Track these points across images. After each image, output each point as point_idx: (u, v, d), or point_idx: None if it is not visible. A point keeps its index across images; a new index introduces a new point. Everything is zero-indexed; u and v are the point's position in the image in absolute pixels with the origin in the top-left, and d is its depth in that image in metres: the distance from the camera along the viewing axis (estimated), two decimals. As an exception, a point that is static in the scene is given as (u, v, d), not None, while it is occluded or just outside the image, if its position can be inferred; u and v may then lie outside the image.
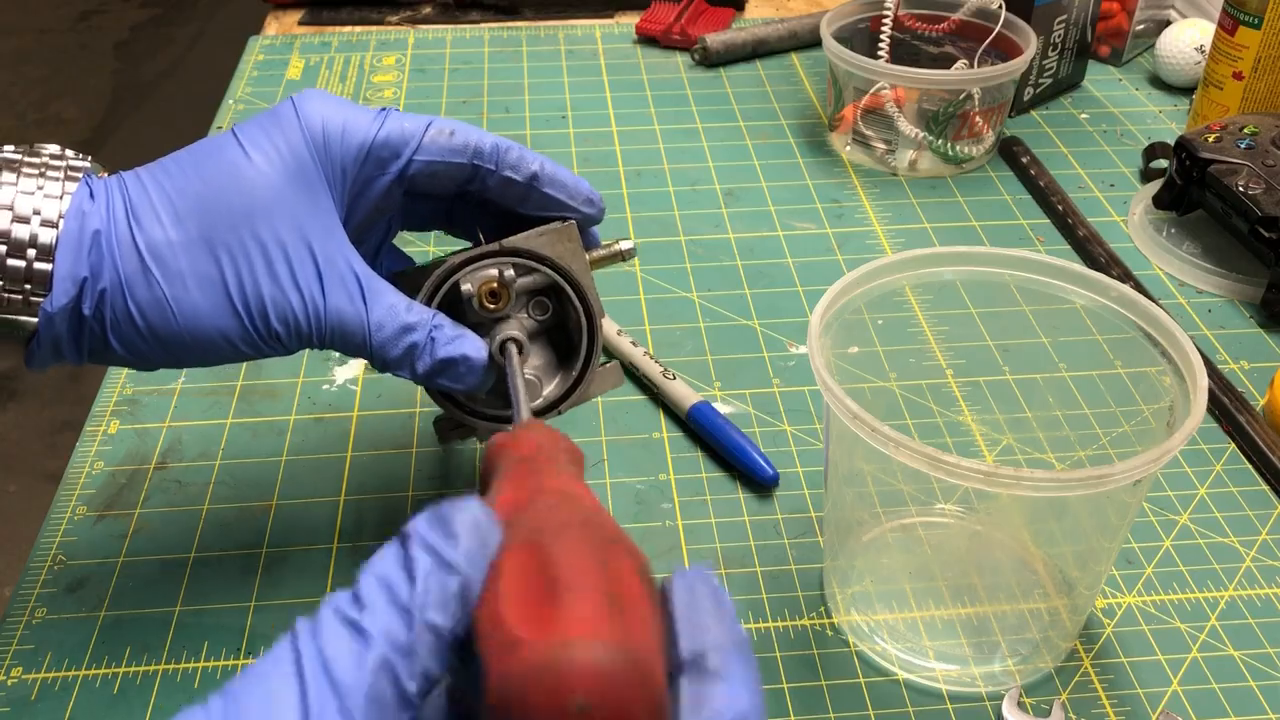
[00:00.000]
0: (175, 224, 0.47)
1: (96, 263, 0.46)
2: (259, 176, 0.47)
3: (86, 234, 0.45)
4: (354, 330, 0.49)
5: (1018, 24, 0.87)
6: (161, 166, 0.48)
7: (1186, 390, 0.47)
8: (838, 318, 0.51)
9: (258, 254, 0.47)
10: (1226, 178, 0.74)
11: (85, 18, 3.34)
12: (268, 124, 0.49)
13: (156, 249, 0.46)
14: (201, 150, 0.48)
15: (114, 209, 0.46)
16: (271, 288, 0.47)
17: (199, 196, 0.47)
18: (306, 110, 0.49)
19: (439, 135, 0.50)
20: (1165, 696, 0.51)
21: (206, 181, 0.47)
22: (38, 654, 0.53)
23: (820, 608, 0.55)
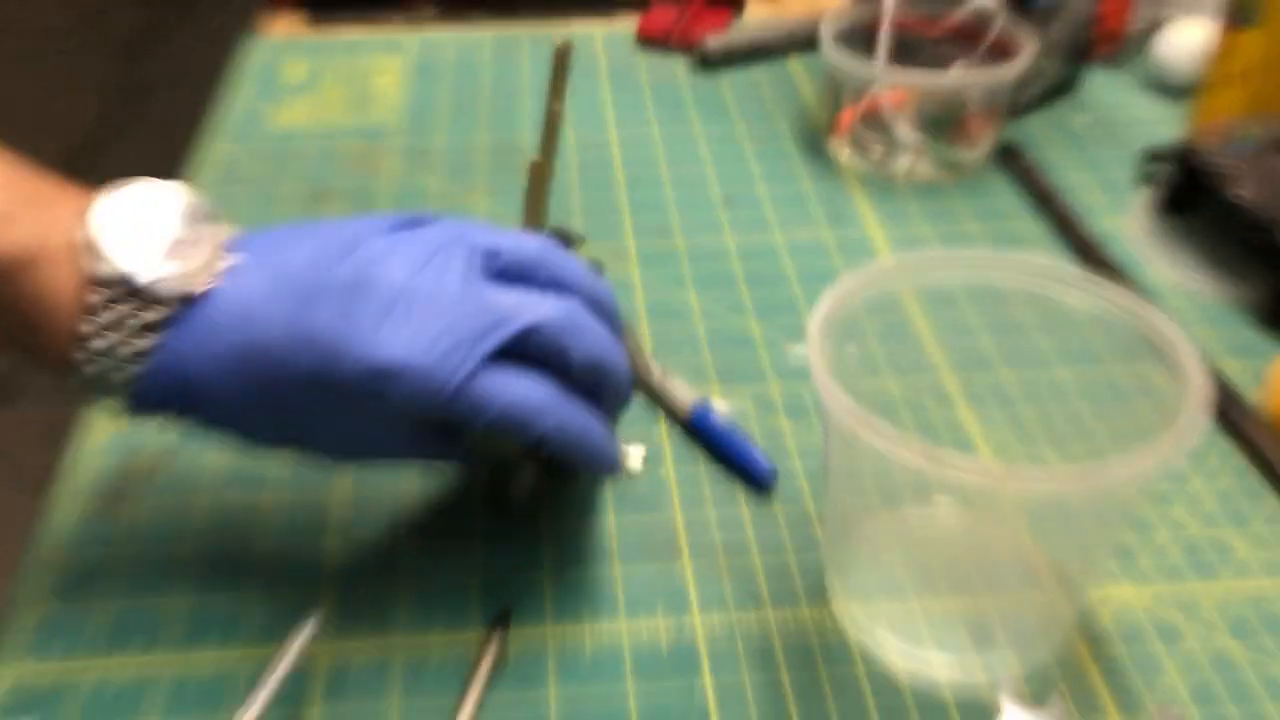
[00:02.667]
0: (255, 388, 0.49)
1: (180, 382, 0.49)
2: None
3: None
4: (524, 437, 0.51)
5: (1016, 26, 0.87)
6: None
7: (1186, 391, 0.47)
8: (837, 319, 0.51)
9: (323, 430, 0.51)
10: (1226, 180, 0.74)
11: (85, 18, 3.34)
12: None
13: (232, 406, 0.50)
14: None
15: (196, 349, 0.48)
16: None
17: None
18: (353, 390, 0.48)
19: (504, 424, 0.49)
20: (1163, 688, 0.51)
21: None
22: (37, 654, 0.53)
23: (819, 599, 0.55)
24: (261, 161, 0.89)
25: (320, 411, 0.49)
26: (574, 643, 0.54)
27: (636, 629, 0.54)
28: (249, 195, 0.85)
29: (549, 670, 0.52)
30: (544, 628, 0.54)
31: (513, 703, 0.51)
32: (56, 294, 0.47)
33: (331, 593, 0.56)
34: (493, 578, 0.57)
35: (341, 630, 0.54)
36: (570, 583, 0.56)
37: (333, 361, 0.47)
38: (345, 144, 0.92)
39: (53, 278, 0.47)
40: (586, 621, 0.55)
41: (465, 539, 0.59)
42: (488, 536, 0.59)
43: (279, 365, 0.48)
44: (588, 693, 0.51)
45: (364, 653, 0.53)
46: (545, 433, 0.49)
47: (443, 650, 0.53)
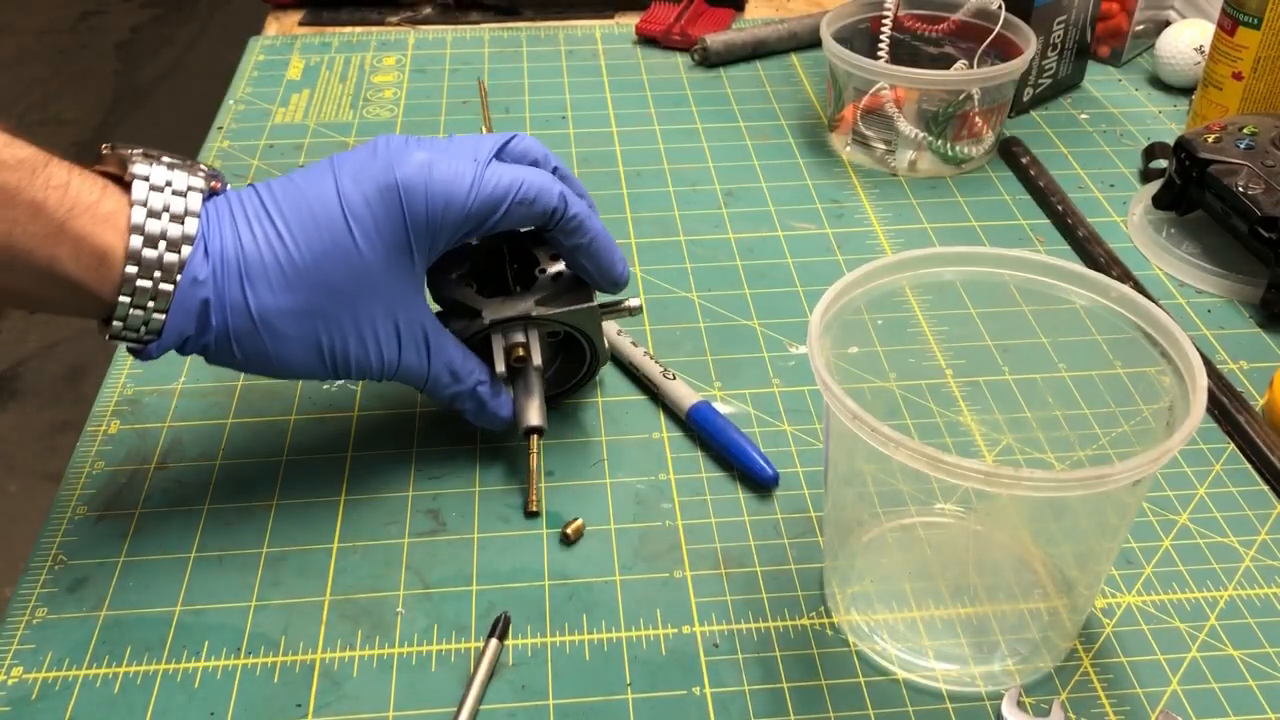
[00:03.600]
0: (287, 292, 0.54)
1: (203, 324, 0.53)
2: (362, 264, 0.54)
3: (195, 301, 0.53)
4: (415, 377, 0.59)
5: (1017, 24, 0.87)
6: (274, 220, 0.54)
7: (1186, 390, 0.47)
8: (838, 318, 0.51)
9: (350, 326, 0.55)
10: (1226, 178, 0.74)
11: (85, 18, 3.34)
12: (372, 197, 0.54)
13: (267, 315, 0.54)
14: (310, 210, 0.54)
15: (229, 272, 0.53)
16: (358, 349, 0.56)
17: (308, 272, 0.54)
18: (409, 185, 0.54)
19: (521, 205, 0.56)
20: (1165, 696, 0.51)
21: (317, 259, 0.54)
22: (38, 654, 0.53)
23: (820, 607, 0.55)
24: (263, 159, 0.89)
25: (352, 285, 0.55)
26: (574, 651, 0.53)
27: (636, 637, 0.54)
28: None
29: (548, 679, 0.52)
30: (544, 636, 0.54)
31: (513, 712, 0.51)
32: (89, 188, 0.52)
33: (331, 596, 0.56)
34: (493, 585, 0.56)
35: (341, 636, 0.54)
36: (570, 590, 0.56)
37: (382, 173, 0.54)
38: (346, 141, 0.92)
39: (82, 178, 0.52)
40: (586, 630, 0.54)
41: (466, 545, 0.58)
42: (489, 542, 0.59)
43: (326, 220, 0.54)
44: (587, 701, 0.51)
45: (364, 659, 0.53)
46: (556, 207, 0.57)
47: (443, 656, 0.53)
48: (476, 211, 0.56)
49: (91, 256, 0.51)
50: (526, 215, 0.57)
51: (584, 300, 0.62)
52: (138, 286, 0.51)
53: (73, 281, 0.51)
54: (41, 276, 0.50)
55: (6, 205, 0.49)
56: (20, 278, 0.50)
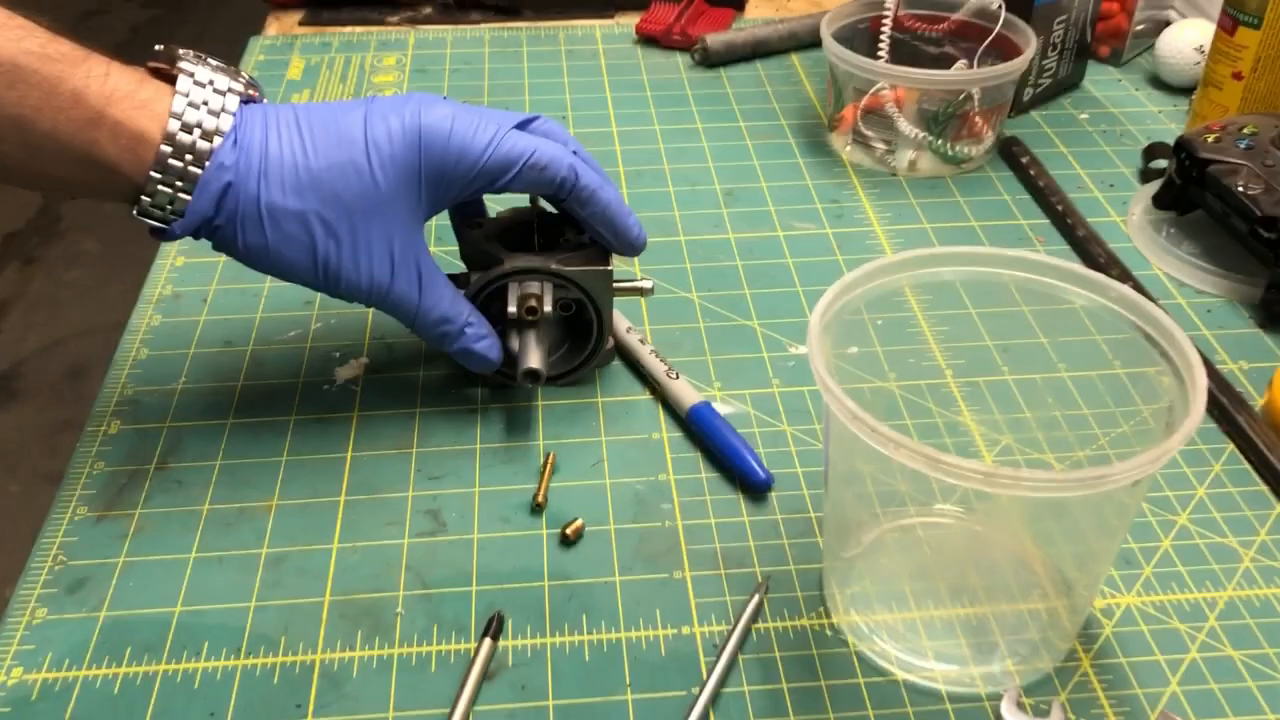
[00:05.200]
0: (296, 194, 0.57)
1: (223, 207, 0.57)
2: (373, 187, 0.58)
3: (220, 184, 0.56)
4: (406, 309, 0.61)
5: (1017, 24, 0.87)
6: (301, 131, 0.58)
7: (1185, 390, 0.47)
8: (837, 318, 0.51)
9: (349, 242, 0.58)
10: (1226, 178, 0.74)
11: (85, 18, 3.34)
12: (395, 133, 0.58)
13: (274, 210, 0.57)
14: (336, 131, 0.58)
15: (250, 165, 0.57)
16: (351, 268, 0.59)
17: (320, 180, 0.57)
18: (431, 130, 0.58)
19: (532, 170, 0.60)
20: (1164, 696, 0.51)
21: (330, 170, 0.57)
22: (38, 654, 0.53)
23: (819, 608, 0.55)
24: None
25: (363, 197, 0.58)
26: (573, 651, 0.53)
27: (636, 638, 0.54)
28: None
29: (548, 679, 0.52)
30: (543, 636, 0.54)
31: (512, 712, 0.51)
32: (129, 79, 0.55)
33: (331, 596, 0.56)
34: (493, 585, 0.56)
35: (341, 636, 0.54)
36: (569, 590, 0.56)
37: (410, 114, 0.58)
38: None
39: (121, 71, 0.55)
40: (586, 630, 0.54)
41: (466, 545, 0.58)
42: (489, 543, 0.59)
43: (345, 137, 0.58)
44: (587, 702, 0.51)
45: (363, 659, 0.53)
46: (566, 176, 0.60)
47: (443, 657, 0.53)
48: (489, 168, 0.59)
49: (129, 139, 0.55)
50: (537, 180, 0.60)
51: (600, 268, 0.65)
52: (169, 165, 0.55)
53: (109, 164, 0.55)
54: (81, 160, 0.54)
55: (50, 95, 0.52)
56: (61, 163, 0.54)
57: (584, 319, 0.66)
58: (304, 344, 0.71)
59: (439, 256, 0.78)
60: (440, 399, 0.67)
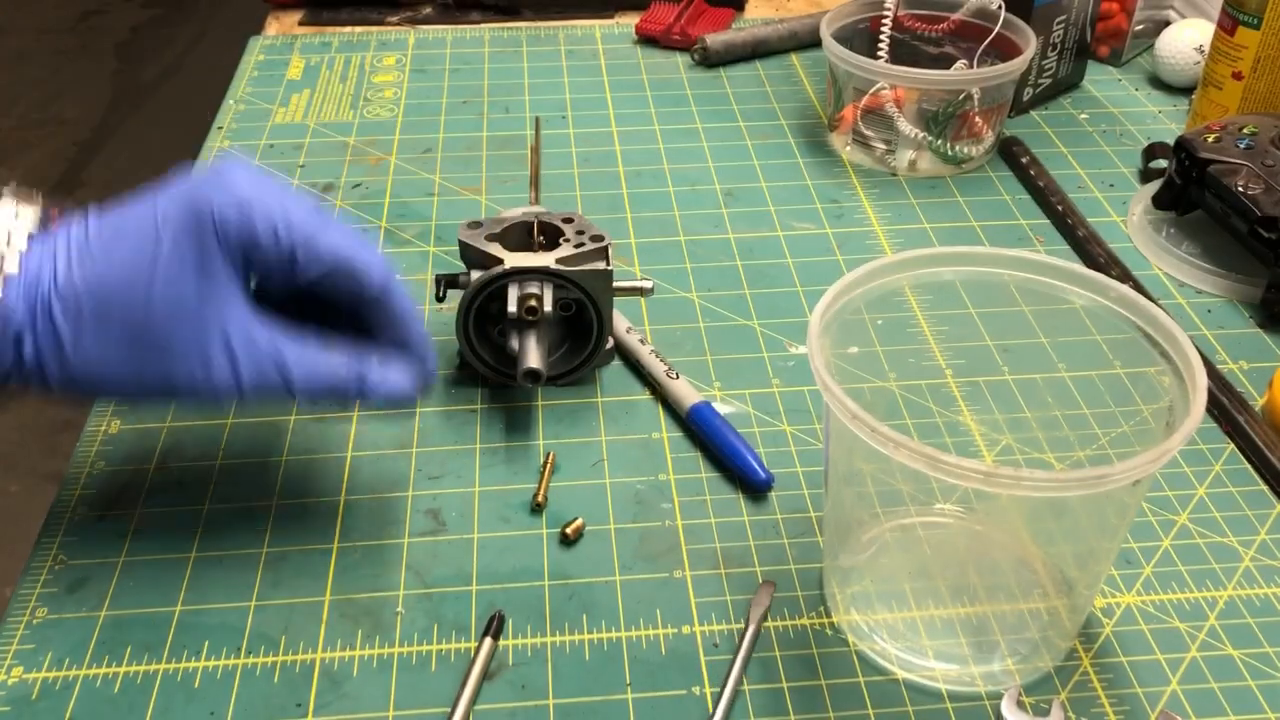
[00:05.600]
0: (96, 322, 0.50)
1: (17, 359, 0.50)
2: (172, 290, 0.50)
3: (8, 337, 0.50)
4: (278, 393, 0.52)
5: (1017, 24, 0.87)
6: (86, 255, 0.50)
7: (1186, 390, 0.47)
8: (837, 318, 0.51)
9: (179, 365, 0.51)
10: (1226, 178, 0.74)
11: (85, 18, 3.34)
12: (172, 213, 0.51)
13: (84, 357, 0.50)
14: (117, 229, 0.51)
15: (39, 308, 0.50)
16: (190, 381, 0.51)
17: (110, 290, 0.50)
18: (220, 207, 0.50)
19: (345, 276, 0.52)
20: (1164, 696, 0.51)
21: (118, 276, 0.50)
22: (38, 654, 0.53)
23: (820, 607, 0.55)
24: (263, 159, 0.89)
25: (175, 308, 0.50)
26: (573, 651, 0.53)
27: (636, 637, 0.54)
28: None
29: (548, 679, 0.52)
30: (544, 636, 0.54)
31: (512, 712, 0.51)
32: None
33: (331, 596, 0.56)
34: (493, 585, 0.56)
35: (341, 636, 0.54)
36: (570, 590, 0.56)
37: (192, 204, 0.50)
38: (346, 141, 0.92)
39: None
40: (586, 630, 0.54)
41: (466, 545, 0.58)
42: (489, 542, 0.59)
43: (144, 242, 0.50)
44: (587, 701, 0.51)
45: (364, 658, 0.53)
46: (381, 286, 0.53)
47: (443, 656, 0.53)
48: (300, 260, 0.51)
49: None
50: (346, 286, 0.53)
51: (600, 268, 0.64)
52: None
53: None
54: None
55: None
56: None
57: (584, 319, 0.66)
58: (304, 344, 0.71)
59: (439, 257, 0.78)
60: (440, 399, 0.67)
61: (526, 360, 0.62)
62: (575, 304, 0.66)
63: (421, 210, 0.84)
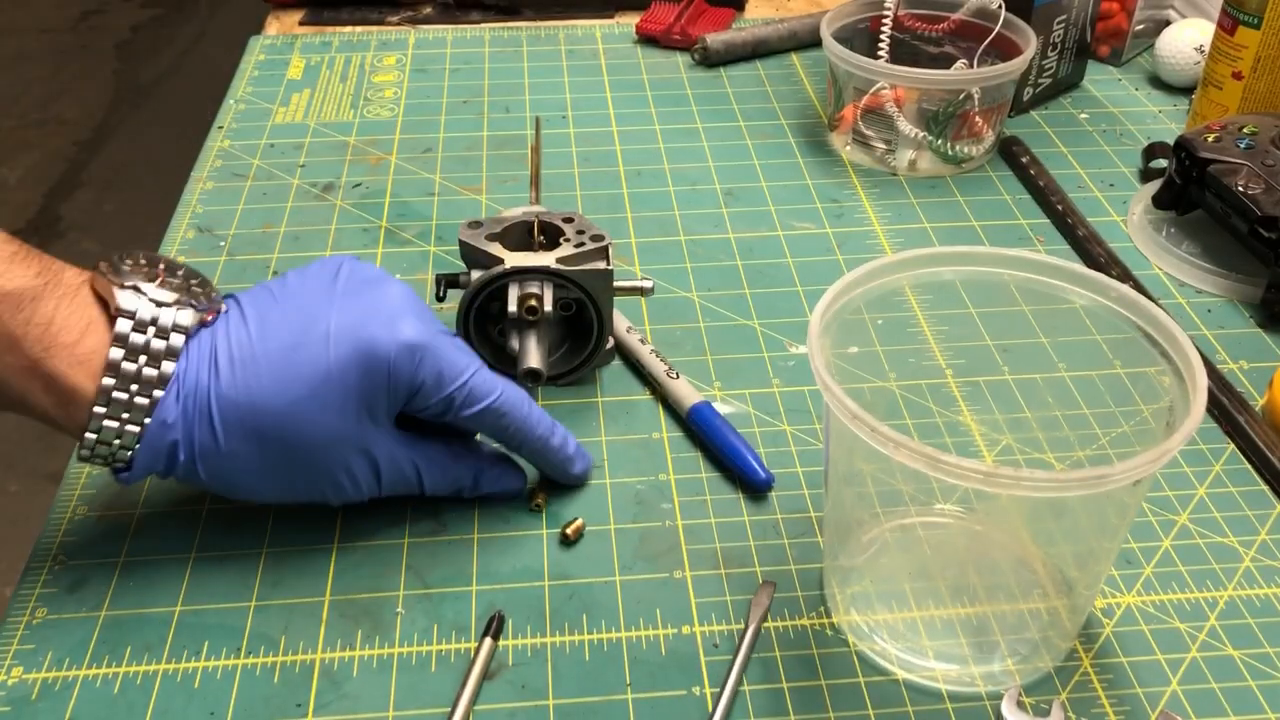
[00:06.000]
0: (246, 438, 0.52)
1: (171, 461, 0.53)
2: (334, 427, 0.53)
3: (164, 442, 0.52)
4: (413, 491, 0.58)
5: (1017, 24, 0.87)
6: (251, 363, 0.52)
7: (1186, 390, 0.47)
8: (837, 318, 0.51)
9: (323, 470, 0.55)
10: (1226, 177, 0.74)
11: (85, 18, 3.34)
12: (349, 365, 0.53)
13: (236, 457, 0.53)
14: (287, 363, 0.52)
15: (199, 412, 0.52)
16: (334, 489, 0.56)
17: (270, 423, 0.52)
18: (395, 363, 0.53)
19: (492, 413, 0.56)
20: (1165, 696, 0.51)
21: (284, 412, 0.52)
22: (38, 654, 0.53)
23: (820, 608, 0.55)
24: (263, 159, 0.89)
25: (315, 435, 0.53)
26: (573, 651, 0.53)
27: (636, 637, 0.54)
28: (251, 192, 0.85)
29: (548, 679, 0.52)
30: (544, 636, 0.54)
31: (512, 712, 0.51)
32: (73, 327, 0.51)
33: (331, 596, 0.56)
34: (493, 585, 0.56)
35: (341, 636, 0.54)
36: (570, 590, 0.56)
37: (367, 347, 0.53)
38: (346, 140, 0.92)
39: (70, 311, 0.51)
40: (586, 630, 0.54)
41: (466, 545, 0.58)
42: (489, 542, 0.59)
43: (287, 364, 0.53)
44: (587, 701, 0.51)
45: (364, 658, 0.53)
46: (521, 425, 0.58)
47: (443, 656, 0.53)
48: (448, 403, 0.55)
49: (61, 394, 0.51)
50: (493, 426, 0.58)
51: (600, 268, 0.64)
52: (104, 426, 0.51)
53: (44, 414, 0.52)
54: (15, 403, 0.52)
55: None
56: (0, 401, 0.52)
57: (584, 319, 0.66)
58: (304, 344, 0.71)
59: (439, 256, 0.78)
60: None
61: (527, 360, 0.62)
62: (575, 304, 0.66)
63: (421, 210, 0.84)
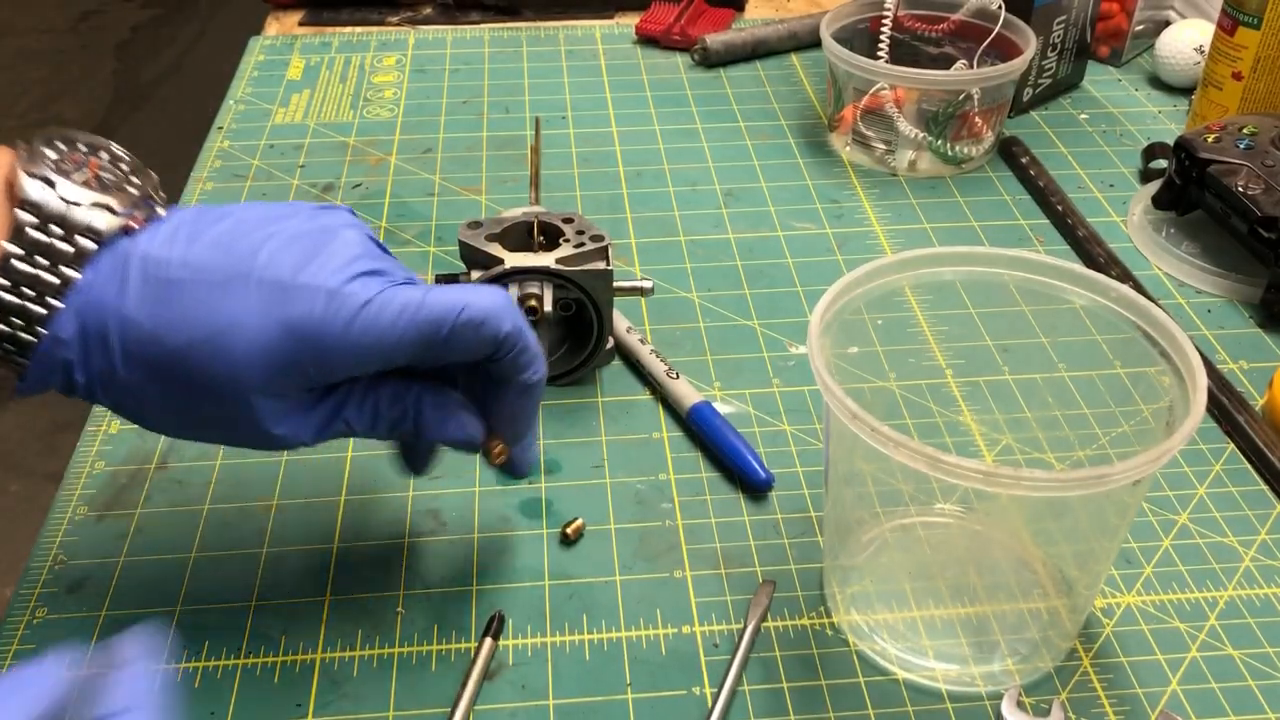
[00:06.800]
0: (146, 370, 0.46)
1: (68, 381, 0.46)
2: (236, 378, 0.46)
3: (57, 360, 0.46)
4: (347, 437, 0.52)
5: (1017, 24, 0.87)
6: (166, 297, 0.45)
7: (1186, 390, 0.47)
8: (837, 318, 0.51)
9: (242, 429, 0.48)
10: (1225, 178, 0.74)
11: (85, 18, 3.34)
12: (276, 338, 0.46)
13: (128, 388, 0.46)
14: (205, 300, 0.46)
15: (95, 333, 0.45)
16: (256, 443, 0.49)
17: (173, 362, 0.46)
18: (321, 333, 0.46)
19: (467, 328, 0.47)
20: (1165, 696, 0.51)
21: (187, 351, 0.45)
22: (38, 654, 0.53)
23: (820, 607, 0.55)
24: (263, 159, 0.89)
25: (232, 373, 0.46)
26: (574, 651, 0.53)
27: (636, 637, 0.54)
28: (251, 193, 0.85)
29: (548, 679, 0.52)
30: (544, 636, 0.54)
31: (513, 712, 0.51)
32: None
33: (331, 596, 0.56)
34: (493, 585, 0.56)
35: (341, 636, 0.54)
36: (570, 590, 0.56)
37: (284, 297, 0.45)
38: (346, 141, 0.92)
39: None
40: (586, 630, 0.54)
41: (466, 545, 0.58)
42: (489, 542, 0.59)
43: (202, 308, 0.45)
44: (587, 701, 0.51)
45: (364, 658, 0.53)
46: (510, 332, 0.49)
47: (443, 656, 0.53)
48: (413, 341, 0.47)
49: None
50: (473, 342, 0.48)
51: (600, 268, 0.64)
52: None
53: None
54: None
55: None
56: None
57: (584, 319, 0.66)
58: (304, 344, 0.71)
59: (439, 257, 0.78)
60: (440, 399, 0.67)
61: None
62: (575, 304, 0.66)
63: (421, 210, 0.84)
